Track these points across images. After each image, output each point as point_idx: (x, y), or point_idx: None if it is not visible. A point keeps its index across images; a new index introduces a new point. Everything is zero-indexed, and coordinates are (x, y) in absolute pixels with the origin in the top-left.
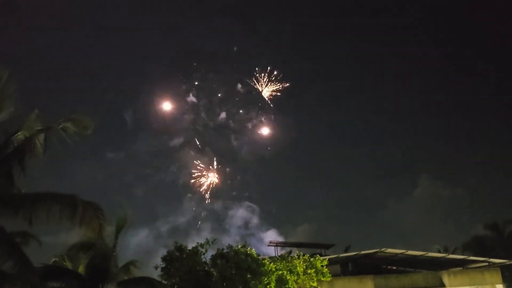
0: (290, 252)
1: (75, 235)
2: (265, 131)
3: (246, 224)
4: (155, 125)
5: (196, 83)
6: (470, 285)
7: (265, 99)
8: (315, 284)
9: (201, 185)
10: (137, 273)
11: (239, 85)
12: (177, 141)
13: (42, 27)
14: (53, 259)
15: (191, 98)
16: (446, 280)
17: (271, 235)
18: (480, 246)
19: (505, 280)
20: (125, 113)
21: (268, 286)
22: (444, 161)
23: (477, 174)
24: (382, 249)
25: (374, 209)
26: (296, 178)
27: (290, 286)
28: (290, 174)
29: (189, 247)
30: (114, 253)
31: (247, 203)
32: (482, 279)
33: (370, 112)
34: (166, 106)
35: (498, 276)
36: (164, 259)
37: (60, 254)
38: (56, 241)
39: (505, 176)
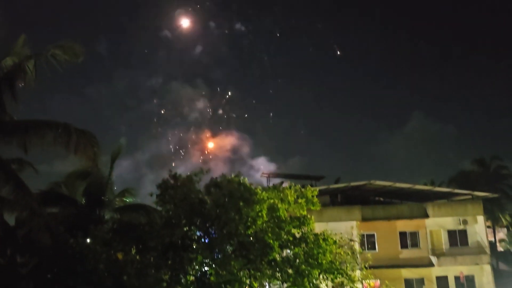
0: (282, 183)
1: (70, 164)
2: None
3: (235, 152)
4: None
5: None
6: (452, 216)
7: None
8: (305, 212)
9: (189, 114)
10: (132, 200)
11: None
12: (159, 76)
13: None
14: (50, 186)
15: (166, 33)
16: (430, 211)
17: (262, 163)
18: (465, 181)
19: (486, 212)
20: (101, 46)
21: (260, 214)
22: (436, 97)
23: (468, 110)
24: (371, 181)
25: (365, 143)
26: (288, 111)
27: (281, 214)
28: (283, 108)
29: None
30: (110, 181)
31: (236, 132)
32: (464, 211)
33: (363, 46)
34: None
35: (480, 208)
36: (159, 186)
37: (57, 182)
38: (51, 169)
39: (494, 113)
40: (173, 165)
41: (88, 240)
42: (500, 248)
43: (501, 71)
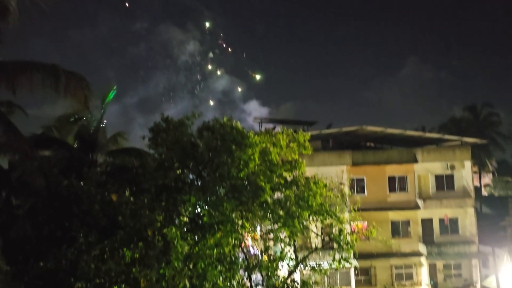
0: (274, 128)
1: (60, 108)
2: None
3: (226, 95)
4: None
5: None
6: (441, 161)
7: None
8: (296, 156)
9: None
10: (124, 144)
11: None
12: (145, 19)
13: None
14: (41, 130)
15: None
16: (419, 156)
17: (254, 107)
18: (456, 127)
19: (474, 158)
20: None
21: (252, 157)
22: (433, 43)
23: (463, 56)
24: (363, 127)
25: (358, 89)
26: (280, 55)
27: (273, 157)
28: (275, 52)
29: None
30: (102, 124)
31: (227, 75)
32: (452, 156)
33: None
34: None
35: (468, 153)
36: (151, 129)
37: (48, 125)
38: (41, 113)
39: (489, 59)
40: (163, 109)
41: (82, 183)
42: (484, 193)
43: (499, 16)
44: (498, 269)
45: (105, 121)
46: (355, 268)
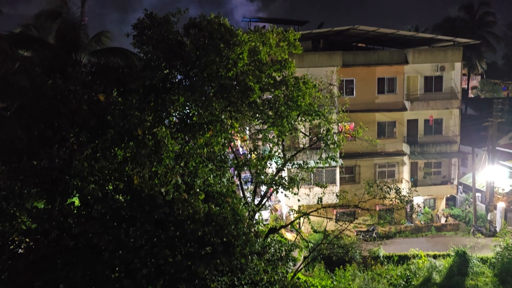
0: (264, 27)
1: (35, 5)
2: None
3: None
4: None
5: None
6: (431, 62)
7: None
8: (286, 56)
9: None
10: (108, 43)
11: None
12: None
13: None
14: (19, 29)
15: None
16: (410, 57)
17: (240, 1)
18: (450, 28)
19: (464, 60)
20: None
21: (240, 56)
22: None
23: None
24: (355, 27)
25: None
26: None
27: (262, 56)
28: None
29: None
30: (82, 23)
31: None
32: (444, 57)
33: None
34: None
35: (459, 54)
36: (135, 27)
37: (26, 24)
38: (16, 12)
39: None
40: (137, 3)
41: (67, 83)
42: (471, 95)
43: None
44: (475, 167)
45: (86, 18)
46: (341, 166)
